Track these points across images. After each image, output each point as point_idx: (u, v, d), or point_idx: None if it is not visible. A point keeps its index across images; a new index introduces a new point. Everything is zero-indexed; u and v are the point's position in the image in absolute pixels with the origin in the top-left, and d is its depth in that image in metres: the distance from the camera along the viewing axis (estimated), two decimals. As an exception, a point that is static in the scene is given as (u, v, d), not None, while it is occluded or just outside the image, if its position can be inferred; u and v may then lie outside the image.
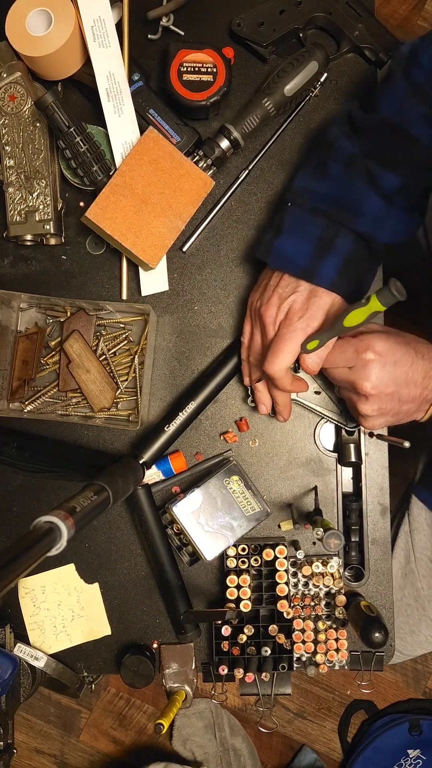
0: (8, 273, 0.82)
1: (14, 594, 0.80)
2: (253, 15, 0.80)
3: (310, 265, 0.66)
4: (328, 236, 0.67)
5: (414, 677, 1.50)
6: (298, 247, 0.68)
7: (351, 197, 0.68)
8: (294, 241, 0.68)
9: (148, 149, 0.74)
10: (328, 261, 0.66)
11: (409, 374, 0.65)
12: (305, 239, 0.68)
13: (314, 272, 0.66)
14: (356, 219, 0.68)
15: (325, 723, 1.50)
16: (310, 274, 0.66)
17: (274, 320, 0.68)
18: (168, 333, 0.82)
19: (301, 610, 0.77)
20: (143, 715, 1.51)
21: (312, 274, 0.66)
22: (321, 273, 0.66)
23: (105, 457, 0.80)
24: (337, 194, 0.69)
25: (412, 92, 0.67)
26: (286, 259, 0.68)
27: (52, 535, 0.47)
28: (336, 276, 0.66)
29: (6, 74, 0.76)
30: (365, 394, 0.64)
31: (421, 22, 1.60)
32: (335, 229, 0.67)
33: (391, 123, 0.68)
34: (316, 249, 0.67)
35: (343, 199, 0.68)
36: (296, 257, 0.67)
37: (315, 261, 0.66)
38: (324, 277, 0.66)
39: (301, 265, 0.67)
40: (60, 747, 1.51)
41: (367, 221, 0.68)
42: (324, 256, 0.66)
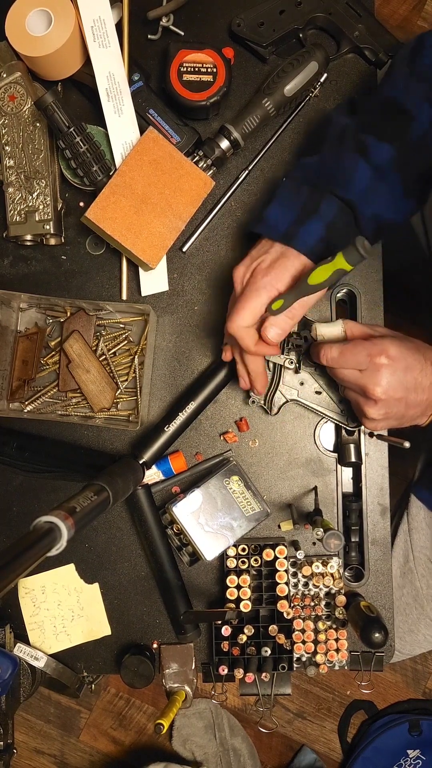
0: (8, 273, 0.82)
1: (14, 594, 0.80)
2: (253, 15, 0.80)
3: (291, 230, 0.66)
4: (312, 203, 0.66)
5: (414, 677, 1.50)
6: (282, 214, 0.67)
7: (340, 166, 0.67)
8: (280, 209, 0.68)
9: (148, 149, 0.74)
10: (310, 226, 0.65)
11: (418, 380, 0.64)
12: (290, 207, 0.67)
13: (293, 236, 0.65)
14: (343, 187, 0.66)
15: (325, 723, 1.50)
16: (288, 238, 0.65)
17: (241, 279, 0.68)
18: (168, 333, 0.82)
19: (301, 610, 0.77)
20: (143, 715, 1.51)
21: (291, 237, 0.65)
22: (300, 237, 0.65)
23: (105, 457, 0.80)
24: (328, 164, 0.68)
25: (415, 76, 0.67)
26: (270, 225, 0.67)
27: (52, 535, 0.47)
28: (315, 242, 0.65)
29: (6, 74, 0.76)
30: (375, 398, 0.64)
31: (421, 22, 1.60)
32: (320, 196, 0.66)
33: (390, 101, 0.69)
34: (298, 215, 0.66)
35: (333, 168, 0.68)
36: (279, 223, 0.67)
37: (296, 225, 0.66)
38: (302, 241, 0.65)
39: (281, 230, 0.66)
40: (60, 747, 1.51)
41: (354, 190, 0.66)
42: (305, 222, 0.65)
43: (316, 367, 0.77)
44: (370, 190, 0.67)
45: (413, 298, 1.00)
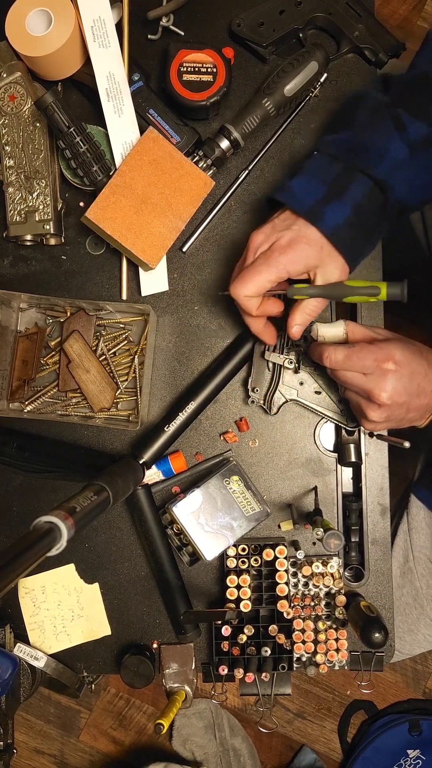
0: (8, 273, 0.82)
1: (14, 594, 0.80)
2: (253, 15, 0.80)
3: (317, 207, 0.63)
4: (343, 181, 0.64)
5: (414, 677, 1.50)
6: (309, 187, 0.65)
7: (374, 141, 0.65)
8: (307, 181, 0.65)
9: (148, 149, 0.74)
10: (337, 207, 0.63)
11: (421, 385, 0.64)
12: (319, 181, 0.65)
13: (319, 215, 0.63)
14: (376, 164, 0.64)
15: (325, 723, 1.50)
16: (314, 216, 0.63)
17: (256, 248, 0.66)
18: (168, 333, 0.82)
19: (301, 610, 0.77)
20: (143, 715, 1.51)
21: (317, 216, 0.63)
22: (326, 217, 0.63)
23: (105, 457, 0.80)
24: (361, 139, 0.66)
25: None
26: (295, 196, 0.65)
27: (52, 535, 0.47)
28: (341, 224, 0.63)
29: (6, 74, 0.76)
30: (380, 403, 0.63)
31: (421, 22, 1.60)
32: (352, 175, 0.64)
33: (426, 76, 0.68)
34: (327, 192, 0.64)
35: (366, 144, 0.65)
36: (305, 196, 0.64)
37: (323, 204, 0.63)
38: (327, 222, 0.62)
39: (307, 205, 0.63)
40: (60, 747, 1.51)
41: (387, 167, 0.64)
42: (333, 201, 0.63)
43: (316, 367, 0.77)
44: (402, 166, 0.64)
45: (413, 298, 0.99)
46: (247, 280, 0.64)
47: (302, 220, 0.64)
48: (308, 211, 0.63)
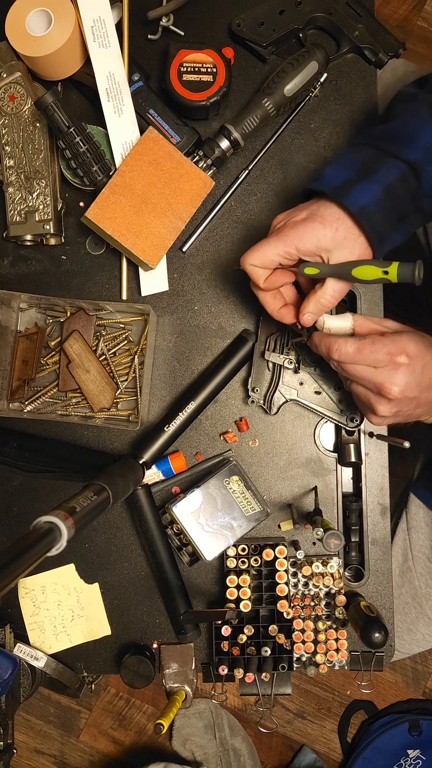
0: (8, 273, 0.82)
1: (14, 594, 0.80)
2: (253, 15, 0.80)
3: (345, 186, 0.61)
4: (373, 163, 0.62)
5: (414, 677, 1.50)
6: (339, 171, 0.63)
7: (408, 127, 0.64)
8: (338, 167, 0.64)
9: (148, 149, 0.74)
10: (365, 186, 0.61)
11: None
12: (349, 165, 0.63)
13: (346, 194, 0.60)
14: (409, 148, 0.62)
15: (325, 723, 1.50)
16: (340, 194, 0.61)
17: (275, 225, 0.66)
18: (168, 333, 0.82)
19: (301, 610, 0.77)
20: (143, 715, 1.51)
21: (343, 194, 0.61)
22: (354, 195, 0.60)
23: (105, 457, 0.80)
24: (395, 127, 0.65)
25: None
26: (324, 179, 0.63)
27: (52, 535, 0.47)
28: (369, 204, 0.60)
29: (6, 74, 0.76)
30: (391, 397, 0.62)
31: (420, 22, 1.60)
32: (383, 158, 0.62)
33: None
34: (357, 173, 0.62)
35: (400, 130, 0.64)
36: (333, 178, 0.63)
37: (351, 183, 0.61)
38: (354, 200, 0.60)
39: (334, 185, 0.62)
40: (60, 747, 1.51)
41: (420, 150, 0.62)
42: (361, 180, 0.61)
43: (316, 367, 0.77)
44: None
45: (413, 298, 1.00)
46: (254, 249, 0.63)
47: (324, 201, 0.62)
48: (335, 190, 0.61)
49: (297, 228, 0.61)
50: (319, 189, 0.63)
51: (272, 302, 0.68)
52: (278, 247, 0.62)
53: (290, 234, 0.62)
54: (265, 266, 0.64)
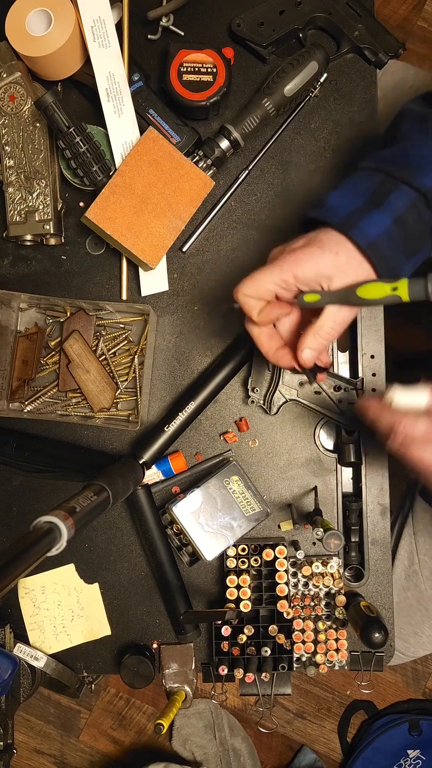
0: (8, 273, 0.82)
1: (14, 594, 0.80)
2: (253, 15, 0.80)
3: (352, 218, 0.55)
4: (383, 190, 0.57)
5: (414, 677, 1.50)
6: (345, 200, 0.58)
7: (420, 152, 0.59)
8: (343, 194, 0.58)
9: (148, 149, 0.74)
10: (374, 216, 0.55)
11: None
12: (356, 192, 0.58)
13: (353, 224, 0.55)
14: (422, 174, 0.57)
15: (325, 723, 1.50)
16: (347, 226, 0.55)
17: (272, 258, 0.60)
18: (168, 333, 0.82)
19: (301, 610, 0.77)
20: (143, 715, 1.51)
21: (350, 225, 0.55)
22: (361, 227, 0.55)
23: (105, 457, 0.80)
24: (405, 150, 0.60)
25: None
26: (329, 208, 0.58)
27: (52, 535, 0.47)
28: (379, 235, 0.55)
29: (6, 74, 0.76)
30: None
31: (420, 22, 1.60)
32: (393, 184, 0.57)
33: None
34: (365, 202, 0.57)
35: (411, 154, 0.59)
36: (339, 207, 0.57)
37: (359, 214, 0.56)
38: (362, 232, 0.55)
39: (341, 215, 0.56)
40: (60, 747, 1.51)
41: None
42: (370, 211, 0.56)
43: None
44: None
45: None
46: (248, 279, 0.58)
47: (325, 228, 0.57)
48: (342, 221, 0.56)
49: (294, 254, 0.56)
50: (323, 219, 0.57)
51: (268, 343, 0.61)
52: (274, 275, 0.56)
53: (287, 260, 0.56)
54: (259, 297, 0.58)
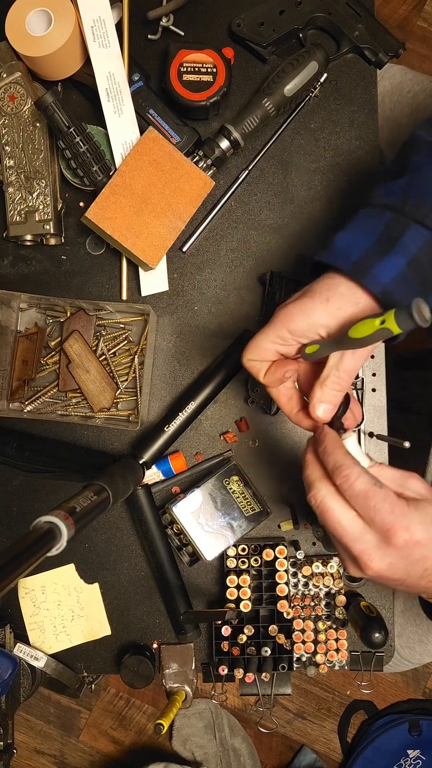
0: (8, 273, 0.82)
1: (14, 594, 0.80)
2: (253, 15, 0.80)
3: (364, 262, 0.52)
4: (394, 231, 0.53)
5: (414, 677, 1.50)
6: (354, 241, 0.54)
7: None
8: (351, 236, 0.55)
9: (148, 149, 0.74)
10: (387, 261, 0.52)
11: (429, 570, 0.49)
12: (365, 233, 0.54)
13: (366, 270, 0.52)
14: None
15: (325, 723, 1.50)
16: (361, 271, 0.52)
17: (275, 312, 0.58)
18: (168, 333, 0.82)
19: (301, 610, 0.77)
20: (143, 715, 1.51)
21: (362, 272, 0.52)
22: (375, 273, 0.52)
23: (105, 457, 0.80)
24: (416, 185, 0.56)
25: None
26: (338, 252, 0.54)
27: (52, 535, 0.47)
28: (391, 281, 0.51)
29: (6, 74, 0.76)
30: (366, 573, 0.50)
31: (420, 22, 1.60)
32: (404, 224, 0.53)
33: None
34: (375, 244, 0.53)
35: (423, 189, 0.55)
36: (349, 251, 0.53)
37: (370, 258, 0.52)
38: (376, 279, 0.52)
39: (352, 259, 0.53)
40: (60, 747, 1.51)
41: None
42: (384, 255, 0.52)
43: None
44: None
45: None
46: (251, 342, 0.56)
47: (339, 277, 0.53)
48: (353, 266, 0.52)
49: (286, 308, 0.54)
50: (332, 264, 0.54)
51: (287, 405, 0.59)
52: (270, 334, 0.55)
53: (279, 317, 0.54)
54: (263, 358, 0.56)
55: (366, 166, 0.82)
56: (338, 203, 0.82)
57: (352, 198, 0.82)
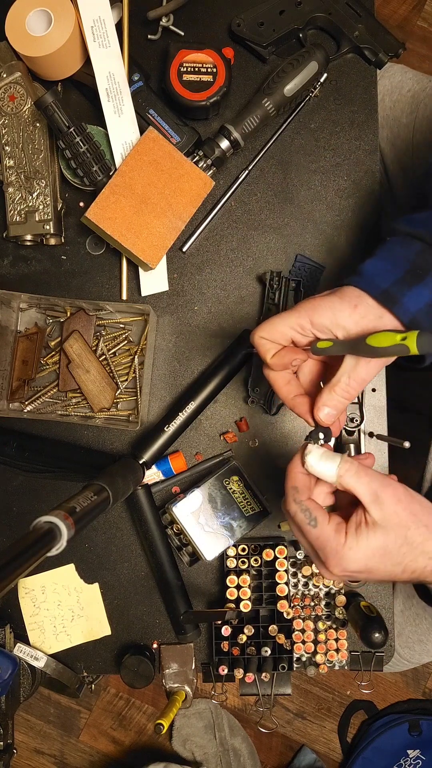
0: (8, 273, 0.82)
1: (14, 594, 0.80)
2: (253, 15, 0.80)
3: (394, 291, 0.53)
4: (423, 262, 0.54)
5: (413, 677, 1.50)
6: (384, 269, 0.55)
7: None
8: (381, 264, 0.56)
9: (148, 149, 0.74)
10: (417, 291, 0.53)
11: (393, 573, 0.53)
12: (395, 262, 0.55)
13: (395, 300, 0.53)
14: None
15: (325, 723, 1.50)
16: (391, 300, 0.53)
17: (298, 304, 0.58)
18: (168, 333, 0.82)
19: (301, 610, 0.77)
20: (143, 715, 1.51)
21: (392, 301, 0.53)
22: (404, 302, 0.53)
23: (105, 457, 0.80)
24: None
25: None
26: (367, 278, 0.55)
27: (52, 535, 0.47)
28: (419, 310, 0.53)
29: (6, 74, 0.76)
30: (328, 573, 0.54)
31: (420, 22, 1.60)
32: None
33: None
34: (406, 274, 0.54)
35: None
36: (378, 278, 0.54)
37: (401, 286, 0.53)
38: (405, 308, 0.53)
39: (382, 287, 0.54)
40: (60, 747, 1.51)
41: None
42: (413, 286, 0.53)
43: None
44: None
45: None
46: (266, 321, 0.57)
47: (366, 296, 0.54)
48: (384, 294, 0.53)
49: (314, 301, 0.55)
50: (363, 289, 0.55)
51: (285, 387, 0.59)
52: (291, 318, 0.55)
53: (305, 306, 0.55)
54: (275, 340, 0.57)
55: (366, 166, 0.82)
56: (338, 204, 0.82)
57: (353, 198, 0.82)
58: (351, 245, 0.82)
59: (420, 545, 0.52)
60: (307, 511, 0.53)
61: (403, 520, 0.51)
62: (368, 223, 0.82)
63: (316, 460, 0.54)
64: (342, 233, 0.82)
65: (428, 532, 0.52)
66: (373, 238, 0.82)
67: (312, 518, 0.53)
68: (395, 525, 0.51)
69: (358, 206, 0.82)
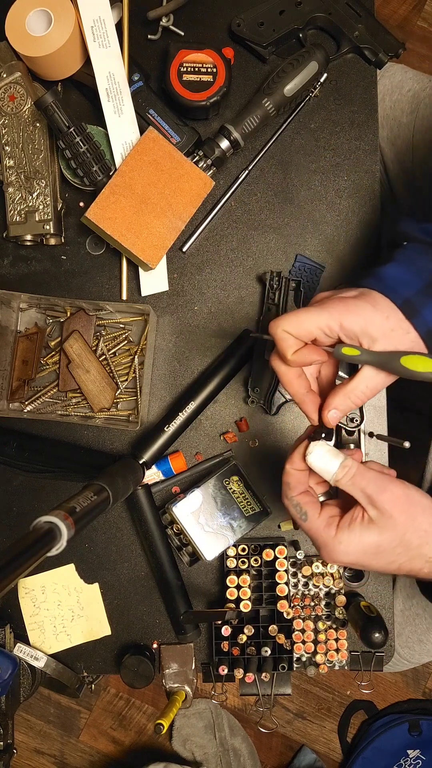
0: (8, 273, 0.82)
1: (14, 594, 0.80)
2: (253, 15, 0.80)
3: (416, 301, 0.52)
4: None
5: (413, 677, 1.50)
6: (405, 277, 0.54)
7: None
8: (402, 271, 0.54)
9: (148, 149, 0.74)
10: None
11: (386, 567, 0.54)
12: (416, 272, 0.54)
13: (417, 310, 0.52)
14: None
15: (325, 723, 1.50)
16: (411, 310, 0.52)
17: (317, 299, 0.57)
18: (168, 333, 0.82)
19: (301, 610, 0.77)
20: (143, 715, 1.51)
21: (413, 311, 0.52)
22: (423, 312, 0.51)
23: (105, 457, 0.80)
24: None
25: None
26: (388, 285, 0.53)
27: (52, 535, 0.47)
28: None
29: (6, 74, 0.76)
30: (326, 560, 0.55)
31: (420, 22, 1.60)
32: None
33: None
34: (427, 285, 0.53)
35: None
36: (400, 286, 0.53)
37: (422, 297, 0.52)
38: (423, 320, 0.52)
39: (404, 296, 0.52)
40: (60, 747, 1.51)
41: None
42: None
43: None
44: None
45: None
46: (291, 314, 0.53)
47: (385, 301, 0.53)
48: (405, 303, 0.52)
49: (346, 302, 0.52)
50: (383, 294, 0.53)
51: (296, 381, 0.57)
52: (321, 317, 0.52)
53: (337, 306, 0.52)
54: (299, 336, 0.54)
55: (366, 166, 0.82)
56: (338, 204, 0.82)
57: (353, 198, 0.82)
58: (351, 245, 0.82)
59: (417, 548, 0.52)
60: (297, 506, 0.55)
61: (400, 523, 0.51)
62: (368, 223, 0.82)
63: (318, 458, 0.54)
64: (342, 233, 0.82)
65: (426, 536, 0.52)
66: (373, 238, 0.82)
67: (303, 513, 0.55)
68: (391, 527, 0.51)
69: (358, 206, 0.82)
